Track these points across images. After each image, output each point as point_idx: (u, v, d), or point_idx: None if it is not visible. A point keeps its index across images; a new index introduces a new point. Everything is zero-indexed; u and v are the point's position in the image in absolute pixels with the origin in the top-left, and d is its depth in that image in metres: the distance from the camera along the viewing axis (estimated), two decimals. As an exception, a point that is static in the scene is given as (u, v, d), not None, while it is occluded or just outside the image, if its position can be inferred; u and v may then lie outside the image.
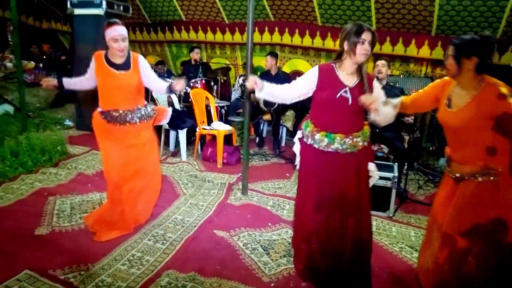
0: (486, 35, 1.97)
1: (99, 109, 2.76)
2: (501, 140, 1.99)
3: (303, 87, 2.27)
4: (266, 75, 5.69)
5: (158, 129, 4.92)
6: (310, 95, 2.30)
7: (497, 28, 4.89)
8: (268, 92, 2.28)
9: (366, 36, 2.07)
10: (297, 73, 6.65)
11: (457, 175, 2.13)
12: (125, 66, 2.72)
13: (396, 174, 3.46)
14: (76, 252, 2.54)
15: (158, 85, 2.89)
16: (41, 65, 7.63)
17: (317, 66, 2.27)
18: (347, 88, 2.16)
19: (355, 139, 2.20)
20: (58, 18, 8.43)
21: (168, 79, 5.50)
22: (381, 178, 3.43)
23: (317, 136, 2.22)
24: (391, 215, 3.48)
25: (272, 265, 2.59)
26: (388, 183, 3.44)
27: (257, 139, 5.67)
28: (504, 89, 1.93)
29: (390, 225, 3.32)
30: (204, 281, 2.32)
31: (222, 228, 3.01)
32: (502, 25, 4.83)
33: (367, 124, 2.31)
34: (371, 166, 2.33)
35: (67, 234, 2.79)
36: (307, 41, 6.13)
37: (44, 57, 8.26)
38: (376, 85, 2.28)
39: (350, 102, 2.14)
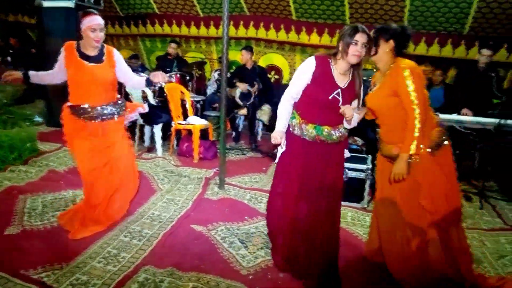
0: (404, 25, 2.19)
1: (68, 103, 2.68)
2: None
3: (304, 80, 2.24)
4: (242, 69, 5.69)
5: (132, 124, 4.87)
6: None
7: (465, 24, 5.07)
8: (286, 120, 2.35)
9: (360, 37, 2.07)
10: (272, 68, 6.68)
11: (387, 155, 2.31)
12: (98, 58, 2.64)
13: (370, 166, 3.54)
14: (49, 251, 2.48)
15: (135, 80, 2.83)
16: (9, 58, 7.34)
17: (314, 57, 2.23)
18: (339, 90, 2.20)
19: (342, 130, 2.29)
20: (26, 11, 8.10)
21: (142, 74, 5.41)
22: (355, 170, 3.52)
23: (306, 127, 2.27)
24: (365, 206, 3.57)
25: (250, 257, 2.61)
26: (362, 175, 3.52)
27: (233, 133, 5.67)
28: (407, 71, 2.08)
29: (365, 216, 3.41)
30: (182, 276, 2.32)
31: (200, 223, 3.00)
32: (469, 21, 5.00)
33: None
34: (346, 152, 2.45)
35: (39, 233, 2.71)
36: (282, 35, 6.16)
37: (11, 51, 7.94)
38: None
39: (340, 104, 2.20)
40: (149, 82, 2.75)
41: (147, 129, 4.97)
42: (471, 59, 5.04)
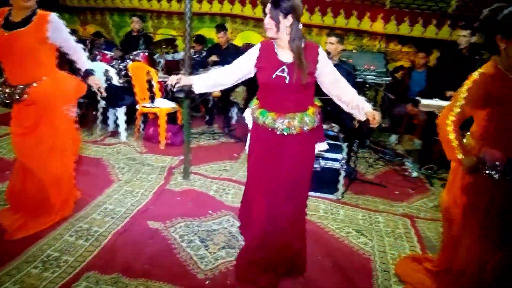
0: None
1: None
2: None
3: (244, 67, 2.06)
4: (215, 49, 5.35)
5: (94, 106, 4.51)
6: (252, 75, 2.09)
7: (450, 2, 4.80)
8: (205, 83, 2.11)
9: (267, 8, 1.87)
10: (249, 46, 6.32)
11: None
12: (23, 23, 2.23)
13: (345, 155, 3.31)
14: (-22, 255, 2.19)
15: (77, 59, 2.49)
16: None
17: (260, 42, 2.05)
18: (284, 67, 1.93)
19: (287, 120, 1.99)
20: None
21: (107, 52, 5.02)
22: (330, 159, 3.28)
23: (256, 112, 2.08)
24: (339, 197, 3.36)
25: (210, 258, 2.37)
26: (337, 165, 3.29)
27: (206, 116, 5.36)
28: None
29: (338, 208, 3.20)
30: (129, 284, 2.06)
31: (157, 219, 2.74)
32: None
33: (315, 105, 2.11)
34: (322, 146, 2.19)
35: (-29, 233, 2.41)
36: (258, 12, 5.78)
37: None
38: (322, 56, 1.98)
39: (287, 81, 1.92)
40: (85, 75, 2.48)
41: (111, 112, 4.61)
42: (455, 40, 4.81)
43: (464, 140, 1.95)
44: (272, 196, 2.11)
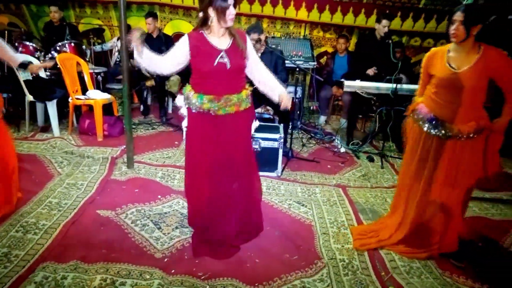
0: None
1: None
2: None
3: (178, 57, 2.19)
4: (147, 38, 5.28)
5: (21, 101, 4.26)
6: (186, 64, 2.22)
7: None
8: (148, 58, 2.18)
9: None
10: (180, 35, 6.32)
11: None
12: None
13: (282, 135, 3.58)
14: None
15: (7, 56, 2.39)
16: None
17: (186, 34, 2.17)
18: (223, 53, 2.11)
19: (224, 101, 2.16)
20: None
21: (27, 43, 4.72)
22: (268, 139, 3.52)
23: (191, 97, 2.18)
24: (279, 174, 3.63)
25: (165, 239, 2.48)
26: (275, 144, 3.54)
27: (142, 107, 5.31)
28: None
29: (279, 184, 3.47)
30: (89, 269, 2.11)
31: (107, 207, 2.76)
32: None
33: (247, 88, 2.32)
34: (255, 124, 2.39)
35: None
36: (187, 0, 5.81)
37: None
38: (249, 42, 2.26)
39: (228, 66, 2.11)
40: (24, 68, 2.42)
41: (39, 106, 4.38)
42: (371, 27, 5.30)
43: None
44: (219, 176, 2.28)
